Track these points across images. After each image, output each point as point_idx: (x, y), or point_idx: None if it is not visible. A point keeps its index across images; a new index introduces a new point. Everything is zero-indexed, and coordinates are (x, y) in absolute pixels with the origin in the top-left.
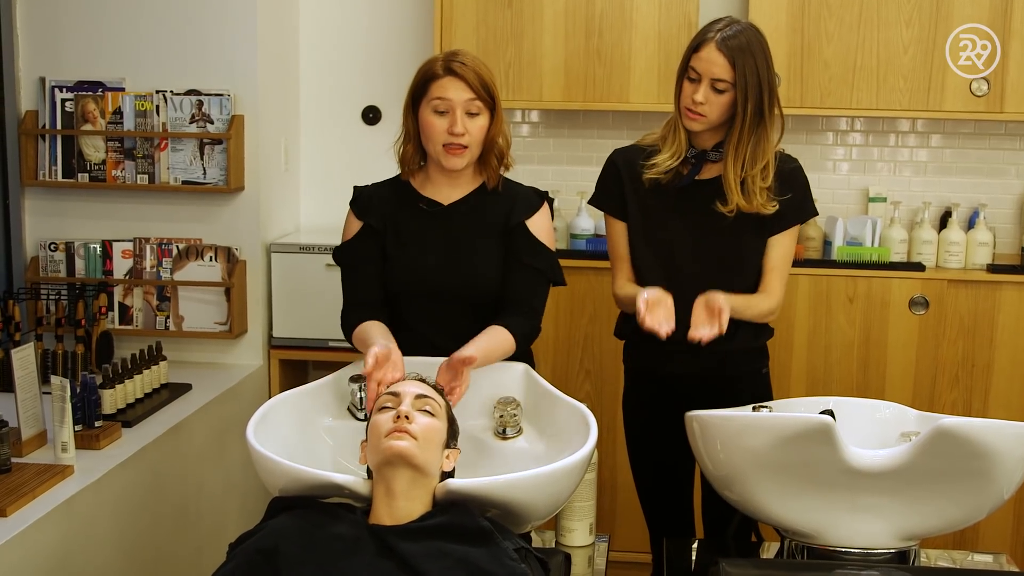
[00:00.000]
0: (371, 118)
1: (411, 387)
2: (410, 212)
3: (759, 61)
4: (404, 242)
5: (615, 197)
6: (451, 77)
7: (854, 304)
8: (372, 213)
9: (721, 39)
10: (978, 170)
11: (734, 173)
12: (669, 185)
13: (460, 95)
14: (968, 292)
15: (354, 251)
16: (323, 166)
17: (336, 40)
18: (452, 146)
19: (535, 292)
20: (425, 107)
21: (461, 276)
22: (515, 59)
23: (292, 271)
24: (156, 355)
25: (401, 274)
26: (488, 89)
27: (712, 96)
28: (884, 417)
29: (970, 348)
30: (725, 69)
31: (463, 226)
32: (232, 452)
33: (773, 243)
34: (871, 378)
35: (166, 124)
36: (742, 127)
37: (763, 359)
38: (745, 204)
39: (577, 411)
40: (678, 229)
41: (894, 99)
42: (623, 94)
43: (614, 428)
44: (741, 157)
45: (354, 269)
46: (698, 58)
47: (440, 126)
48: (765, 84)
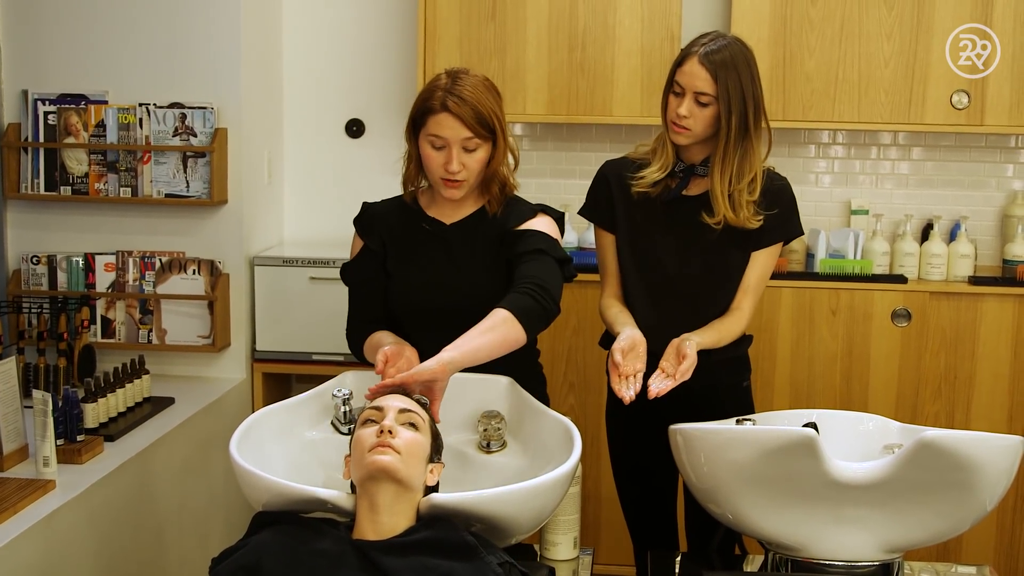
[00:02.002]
0: (355, 131)
1: (395, 401)
2: (413, 231)
3: (743, 75)
4: (406, 261)
5: (604, 209)
6: (447, 114)
7: (837, 316)
8: (373, 233)
9: (704, 53)
10: (959, 182)
11: (721, 186)
12: (657, 198)
13: (456, 133)
14: (950, 304)
15: (356, 271)
16: (307, 179)
17: (320, 53)
18: (448, 180)
19: (537, 270)
20: (423, 138)
21: (461, 294)
22: (499, 72)
23: (275, 284)
24: (139, 369)
25: (401, 293)
26: (487, 123)
27: (696, 110)
28: (867, 430)
29: (952, 360)
30: (707, 83)
31: (464, 245)
32: (215, 466)
33: (754, 259)
34: (854, 390)
35: (149, 137)
36: (727, 140)
37: (745, 372)
38: (732, 216)
39: (561, 424)
40: (665, 242)
41: (875, 112)
42: (606, 107)
43: (598, 441)
44: (728, 170)
45: (357, 288)
46: (682, 72)
47: (437, 160)
48: (750, 98)
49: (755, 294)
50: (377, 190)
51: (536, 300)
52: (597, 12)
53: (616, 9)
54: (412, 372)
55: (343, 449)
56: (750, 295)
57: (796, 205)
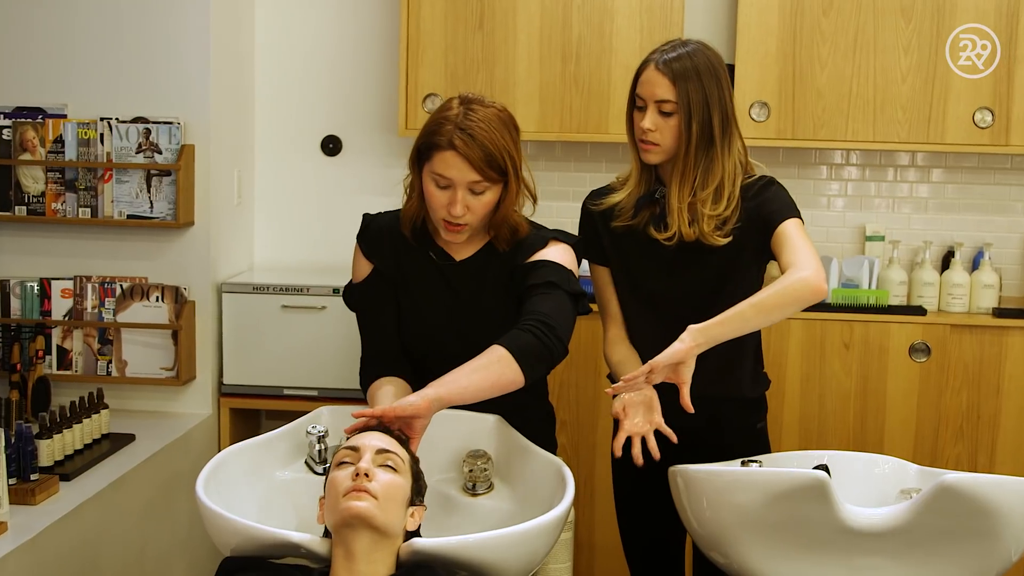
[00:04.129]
0: (331, 149)
1: (372, 440)
2: (420, 260)
3: (706, 80)
4: (412, 295)
5: (593, 243)
6: (454, 153)
7: (850, 351)
8: (382, 255)
9: (662, 60)
10: (983, 207)
11: (678, 198)
12: (642, 228)
13: (463, 175)
14: (973, 338)
15: (367, 296)
16: (280, 200)
17: (295, 65)
18: (450, 224)
19: (545, 305)
20: (427, 173)
21: (469, 340)
22: (486, 86)
23: (245, 313)
24: (97, 403)
25: (408, 332)
26: (498, 164)
27: (660, 121)
28: (883, 472)
29: (975, 398)
30: (667, 89)
31: (472, 285)
32: (179, 508)
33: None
34: (868, 430)
35: (110, 154)
36: (687, 149)
37: (759, 412)
38: (688, 231)
39: (552, 465)
40: (659, 274)
41: (892, 131)
42: (602, 124)
43: (592, 484)
44: (688, 181)
45: (368, 315)
46: (640, 83)
47: (440, 199)
48: (715, 104)
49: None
50: (355, 212)
51: (539, 338)
52: (593, 21)
53: (613, 18)
54: (394, 406)
55: (317, 490)
56: (795, 244)
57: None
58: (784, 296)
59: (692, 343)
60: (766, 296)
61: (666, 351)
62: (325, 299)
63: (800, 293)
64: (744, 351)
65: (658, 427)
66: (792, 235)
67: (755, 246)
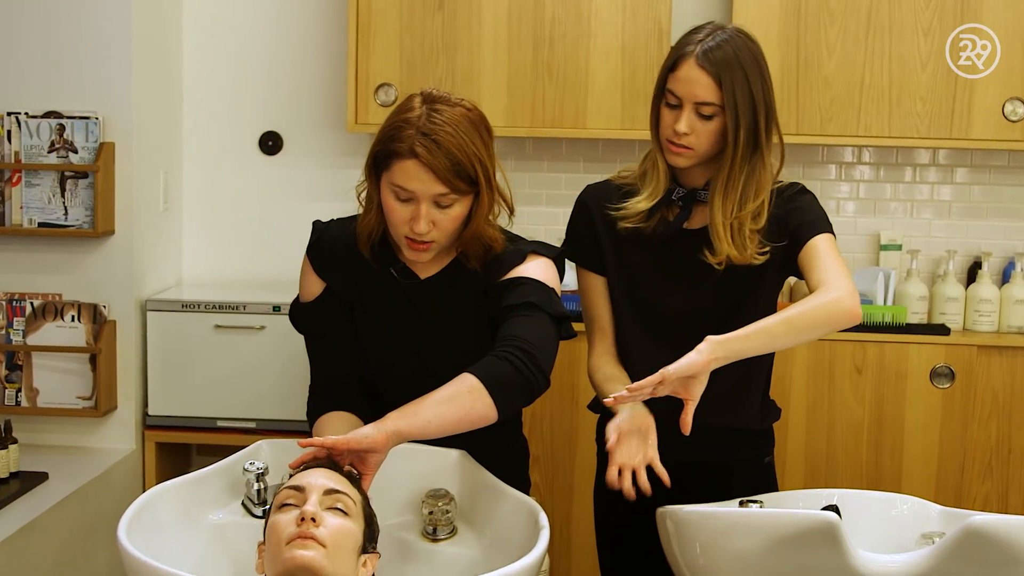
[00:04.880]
0: (271, 147)
1: (319, 479)
2: (379, 277)
3: (751, 74)
4: (370, 317)
5: (588, 247)
6: (415, 162)
7: (863, 376)
8: (334, 271)
9: (702, 52)
10: (1013, 211)
11: (723, 215)
12: (652, 233)
13: (426, 188)
14: (1003, 361)
15: (317, 317)
16: (212, 205)
17: (229, 52)
18: (414, 242)
19: (524, 329)
20: (386, 184)
21: (434, 369)
22: (447, 75)
23: (173, 334)
24: (5, 437)
25: (365, 359)
26: (467, 174)
27: (698, 124)
28: (900, 514)
29: (1006, 430)
30: (710, 90)
31: (438, 306)
32: (98, 557)
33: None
34: (884, 466)
35: (19, 153)
36: (733, 159)
37: (767, 445)
38: (736, 254)
39: (524, 507)
40: (666, 288)
41: (910, 125)
42: (579, 118)
43: (569, 528)
44: (732, 196)
45: (318, 339)
46: (676, 78)
47: (401, 215)
48: (760, 103)
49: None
50: (299, 218)
51: (517, 368)
52: (568, 1)
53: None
54: (347, 436)
55: (256, 535)
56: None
57: (818, 204)
58: (818, 316)
59: (710, 356)
60: (798, 313)
61: (680, 361)
62: (264, 318)
63: (835, 315)
64: (756, 376)
65: (650, 462)
66: (824, 252)
67: (780, 260)
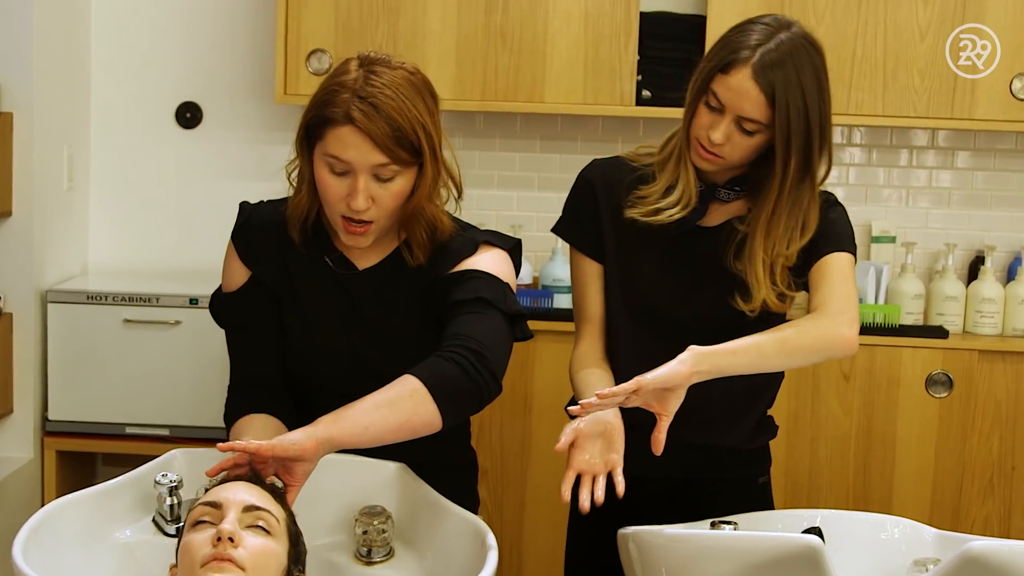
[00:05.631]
0: (189, 119)
1: (238, 493)
2: (313, 266)
3: (810, 95)
4: (301, 311)
5: (587, 229)
6: (352, 129)
7: (851, 383)
8: (262, 259)
9: (760, 64)
10: (1021, 201)
11: (764, 255)
12: (662, 226)
13: (364, 158)
14: (1007, 367)
15: (241, 310)
16: (122, 184)
17: (143, 15)
18: (351, 222)
19: (473, 327)
20: (319, 156)
21: (373, 370)
22: (388, 40)
23: (77, 329)
24: None
25: (294, 358)
26: (410, 142)
27: (736, 136)
28: (891, 538)
29: (1009, 444)
30: (760, 108)
31: (379, 300)
32: None
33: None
34: (873, 484)
35: None
36: (780, 191)
37: (763, 463)
38: (776, 303)
39: (470, 526)
40: (669, 287)
41: (907, 102)
42: (536, 90)
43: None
44: (775, 233)
45: (241, 334)
46: (725, 84)
47: (337, 190)
48: (816, 126)
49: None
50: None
51: (465, 370)
52: None
53: None
54: (272, 443)
55: (168, 556)
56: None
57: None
58: (815, 341)
59: (693, 368)
60: (792, 334)
61: (660, 370)
62: (180, 312)
63: (832, 342)
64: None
65: (612, 470)
66: (837, 272)
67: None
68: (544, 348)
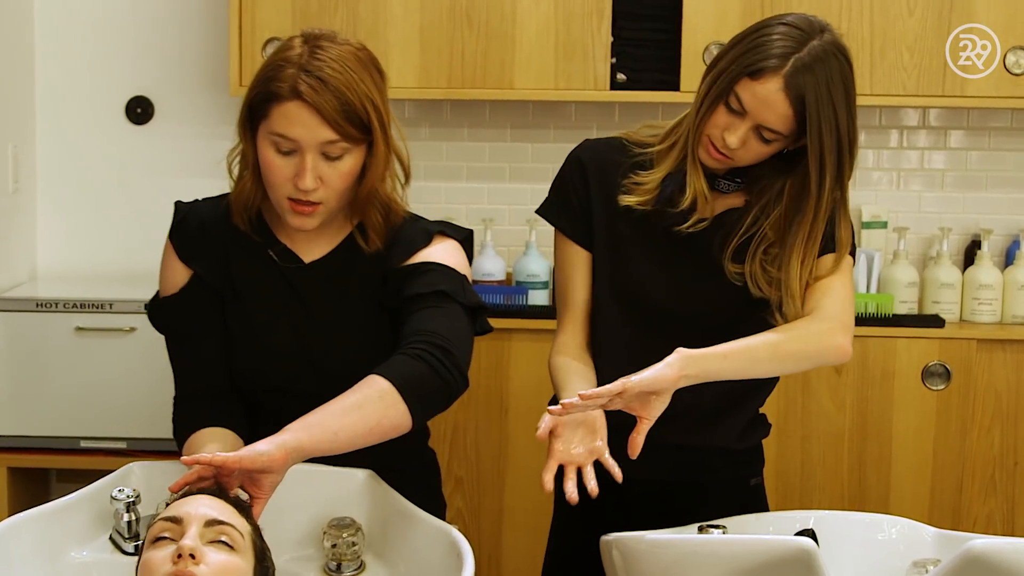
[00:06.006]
0: (140, 115)
1: (199, 508)
2: (255, 260)
3: (840, 109)
4: (246, 311)
5: (576, 213)
6: (299, 104)
7: (843, 377)
8: (202, 257)
9: (792, 76)
10: (1018, 181)
11: (801, 273)
12: (657, 216)
13: (311, 134)
14: (1007, 357)
15: (181, 314)
16: (71, 184)
17: (89, 5)
18: (298, 203)
19: (436, 323)
20: (264, 136)
21: (326, 371)
22: (348, 26)
23: (25, 338)
24: None
25: (241, 361)
26: (359, 118)
27: (752, 141)
28: (888, 538)
29: (1011, 438)
30: (785, 121)
31: (328, 295)
32: None
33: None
34: (869, 483)
35: None
36: (816, 211)
37: (755, 464)
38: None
39: (444, 536)
40: (662, 280)
41: (896, 80)
42: (505, 76)
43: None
44: (813, 252)
45: (183, 340)
46: (752, 90)
47: (283, 171)
48: (846, 139)
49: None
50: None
51: (433, 367)
52: None
53: None
54: (239, 455)
55: (127, 575)
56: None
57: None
58: (808, 347)
59: (680, 373)
60: (785, 339)
61: (646, 373)
62: (134, 318)
63: (825, 348)
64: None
65: (599, 457)
66: (837, 275)
67: None
68: (519, 347)
